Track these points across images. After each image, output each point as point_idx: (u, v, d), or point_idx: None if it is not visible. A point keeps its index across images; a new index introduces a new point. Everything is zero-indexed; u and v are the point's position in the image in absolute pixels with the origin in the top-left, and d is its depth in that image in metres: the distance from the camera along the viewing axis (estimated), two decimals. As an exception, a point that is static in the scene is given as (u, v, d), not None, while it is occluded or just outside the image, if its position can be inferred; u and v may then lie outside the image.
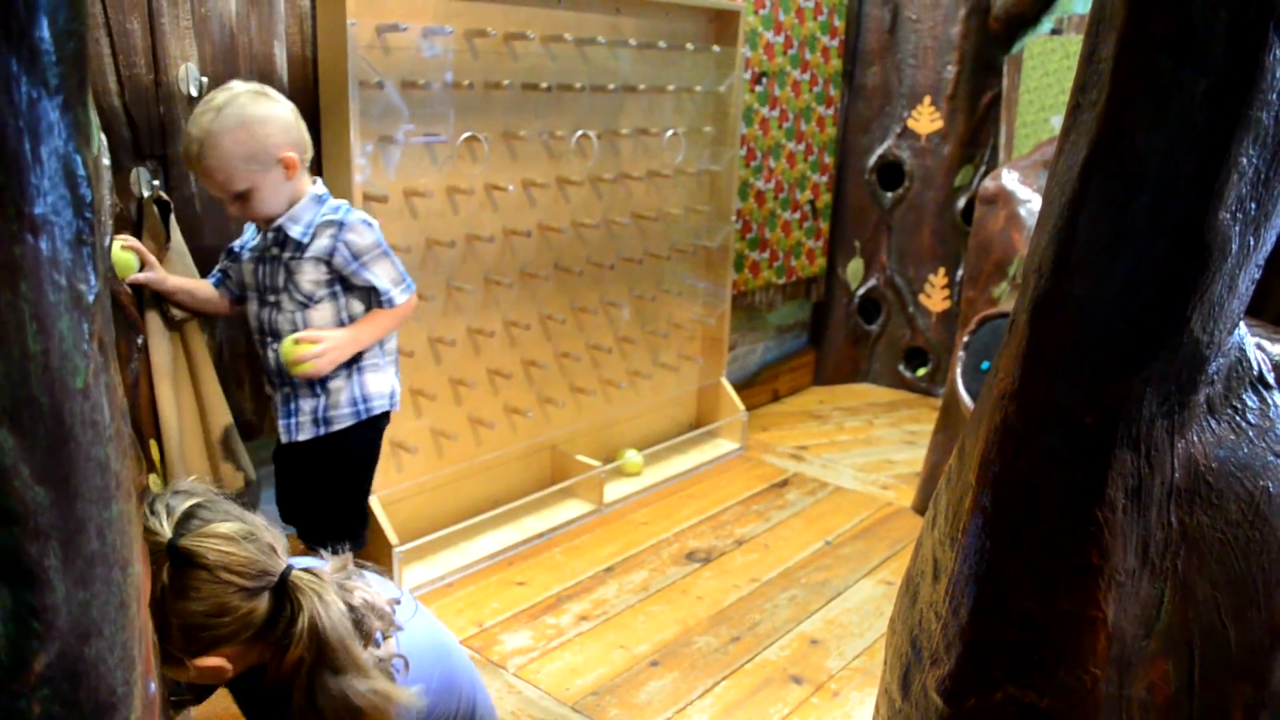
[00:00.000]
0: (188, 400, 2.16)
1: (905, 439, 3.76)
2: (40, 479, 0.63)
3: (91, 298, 0.65)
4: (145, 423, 2.07)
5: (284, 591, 1.19)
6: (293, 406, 2.05)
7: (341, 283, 1.99)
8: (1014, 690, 0.89)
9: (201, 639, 1.16)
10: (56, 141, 0.63)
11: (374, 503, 2.53)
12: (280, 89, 2.05)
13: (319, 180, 2.03)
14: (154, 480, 1.99)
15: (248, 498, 2.42)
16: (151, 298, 2.06)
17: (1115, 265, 0.76)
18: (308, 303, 1.98)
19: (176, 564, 1.13)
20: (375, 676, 1.20)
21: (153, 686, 0.75)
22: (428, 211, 2.52)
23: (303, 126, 1.95)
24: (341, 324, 2.01)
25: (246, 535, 1.18)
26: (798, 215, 3.97)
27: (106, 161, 1.90)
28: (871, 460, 3.54)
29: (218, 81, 2.10)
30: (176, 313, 2.10)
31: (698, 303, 3.46)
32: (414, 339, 2.57)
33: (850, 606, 2.52)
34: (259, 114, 1.87)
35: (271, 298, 2.01)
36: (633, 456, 3.24)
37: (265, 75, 2.19)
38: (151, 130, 2.04)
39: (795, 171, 3.90)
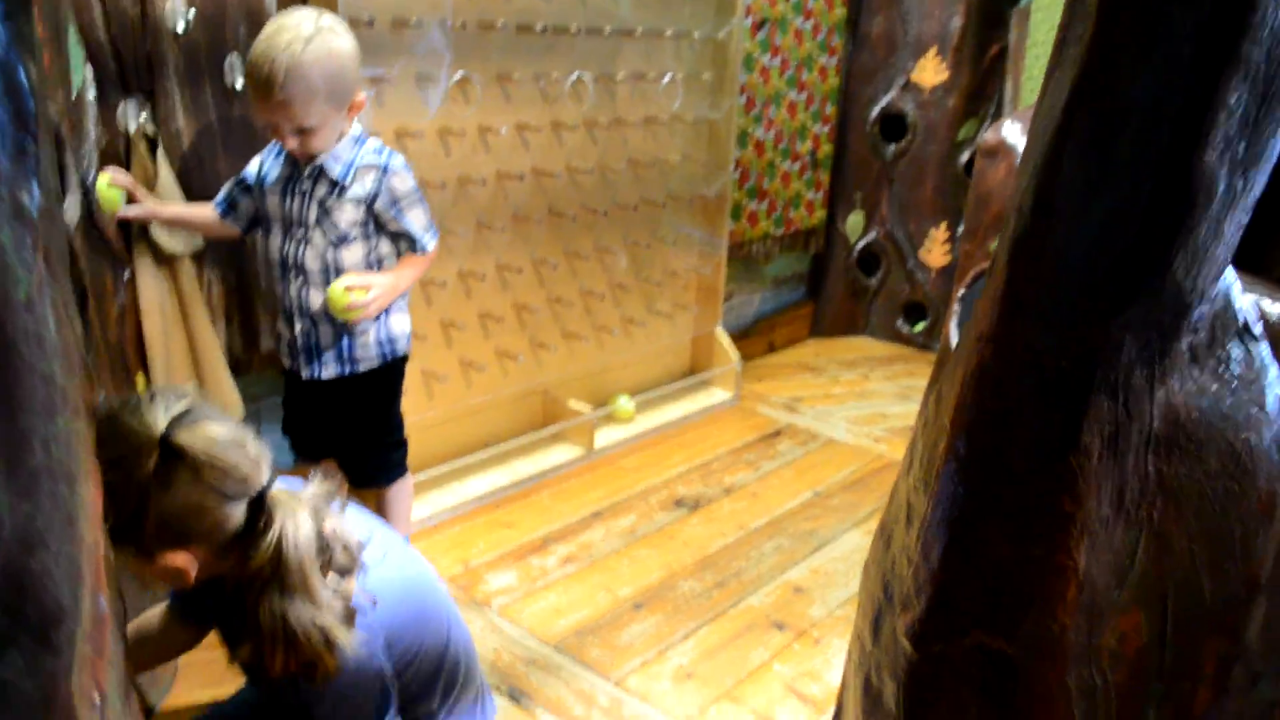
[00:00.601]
0: (177, 335, 2.15)
1: (901, 393, 3.75)
2: (-18, 392, 0.62)
3: (35, 210, 0.64)
4: (132, 356, 2.06)
5: (260, 505, 1.19)
6: (316, 344, 2.03)
7: (374, 224, 1.98)
8: (982, 636, 0.88)
9: (172, 533, 1.15)
10: None
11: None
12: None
13: (356, 119, 2.00)
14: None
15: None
16: (140, 233, 2.04)
17: (1096, 205, 0.74)
18: (341, 242, 1.96)
19: (165, 456, 1.12)
20: (323, 609, 1.18)
21: (103, 603, 0.75)
22: (419, 153, 2.48)
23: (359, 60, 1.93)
24: (370, 265, 2.00)
25: (237, 442, 1.18)
26: (798, 166, 3.93)
27: (91, 95, 1.88)
28: (865, 413, 3.53)
29: (205, 16, 2.06)
30: (166, 248, 2.08)
31: (693, 252, 3.43)
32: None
33: (836, 556, 2.53)
34: (346, 50, 1.85)
35: (300, 232, 1.98)
36: (624, 403, 3.23)
37: (254, 11, 2.14)
38: (139, 65, 2.00)
39: (796, 121, 3.85)
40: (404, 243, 2.02)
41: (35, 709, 0.67)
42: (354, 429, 2.13)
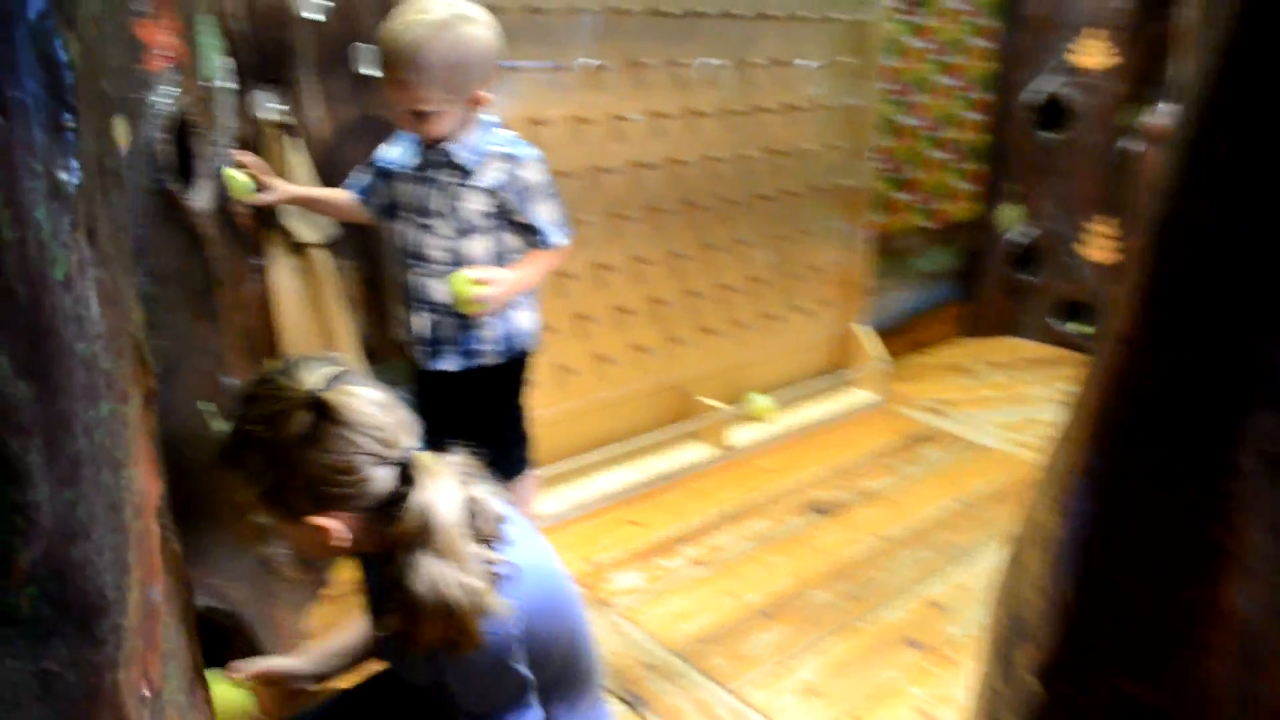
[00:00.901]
0: (310, 323, 2.19)
1: (1056, 398, 3.52)
2: (20, 373, 0.60)
3: (73, 187, 0.61)
4: (262, 345, 2.10)
5: (407, 470, 1.18)
6: (439, 336, 2.00)
7: (501, 216, 1.92)
8: (1120, 681, 0.77)
9: (321, 495, 1.15)
10: (31, 21, 0.58)
11: (490, 436, 2.52)
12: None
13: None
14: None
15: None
16: (274, 220, 2.08)
17: (1254, 183, 0.62)
18: (467, 232, 1.91)
19: (316, 414, 1.13)
20: (472, 573, 1.15)
21: (155, 594, 0.72)
22: (550, 140, 2.45)
23: (499, 54, 1.87)
24: (498, 258, 1.94)
25: (386, 405, 1.18)
26: (949, 155, 3.73)
27: (226, 84, 1.91)
28: (1018, 419, 3.32)
29: (341, 6, 2.08)
30: (300, 236, 2.12)
31: (836, 244, 3.29)
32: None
33: (980, 571, 2.37)
34: (477, 41, 1.81)
35: (424, 220, 1.94)
36: (761, 401, 3.14)
37: (388, 2, 2.15)
38: (276, 55, 2.04)
39: (946, 108, 3.66)
40: (532, 237, 1.96)
41: (80, 700, 0.65)
42: (475, 422, 2.09)
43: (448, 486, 1.18)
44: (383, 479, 1.17)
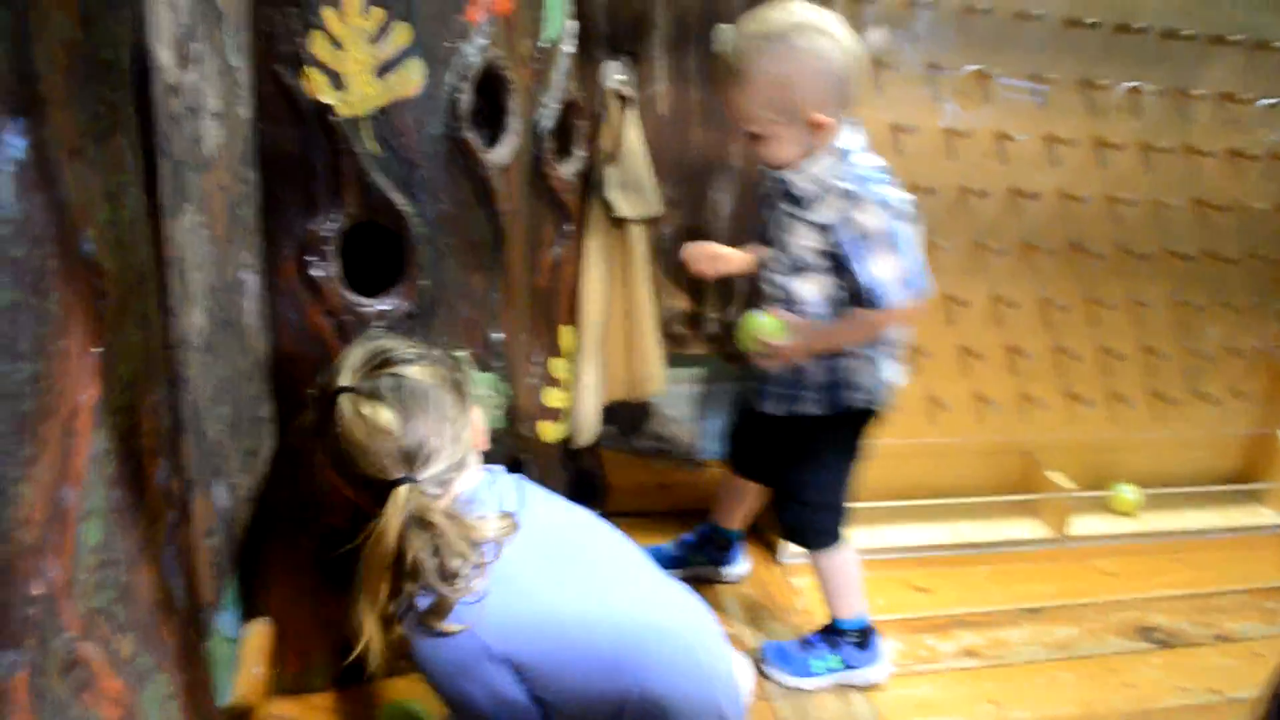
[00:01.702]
0: (616, 296, 2.16)
1: None
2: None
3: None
4: (563, 308, 2.11)
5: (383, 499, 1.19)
6: (764, 373, 1.83)
7: (838, 258, 1.69)
8: None
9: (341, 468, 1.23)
10: None
11: (783, 453, 2.36)
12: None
13: (856, 128, 1.72)
14: (562, 365, 2.03)
15: (641, 411, 2.39)
16: (595, 189, 2.08)
17: None
18: (796, 269, 1.74)
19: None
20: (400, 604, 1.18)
21: (68, 497, 0.68)
22: (915, 151, 2.22)
23: (857, 75, 1.64)
24: (831, 303, 1.73)
25: (386, 431, 1.18)
26: None
27: (568, 49, 1.92)
28: None
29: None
30: (620, 210, 2.09)
31: (1270, 328, 2.68)
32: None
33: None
34: (808, 59, 1.59)
35: (767, 253, 1.80)
36: (1128, 494, 2.65)
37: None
38: (625, 26, 2.02)
39: None
40: (857, 291, 1.67)
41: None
42: (783, 472, 1.90)
43: (399, 530, 1.16)
44: (371, 493, 1.19)
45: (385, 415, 1.17)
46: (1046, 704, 1.92)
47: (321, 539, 1.74)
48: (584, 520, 1.33)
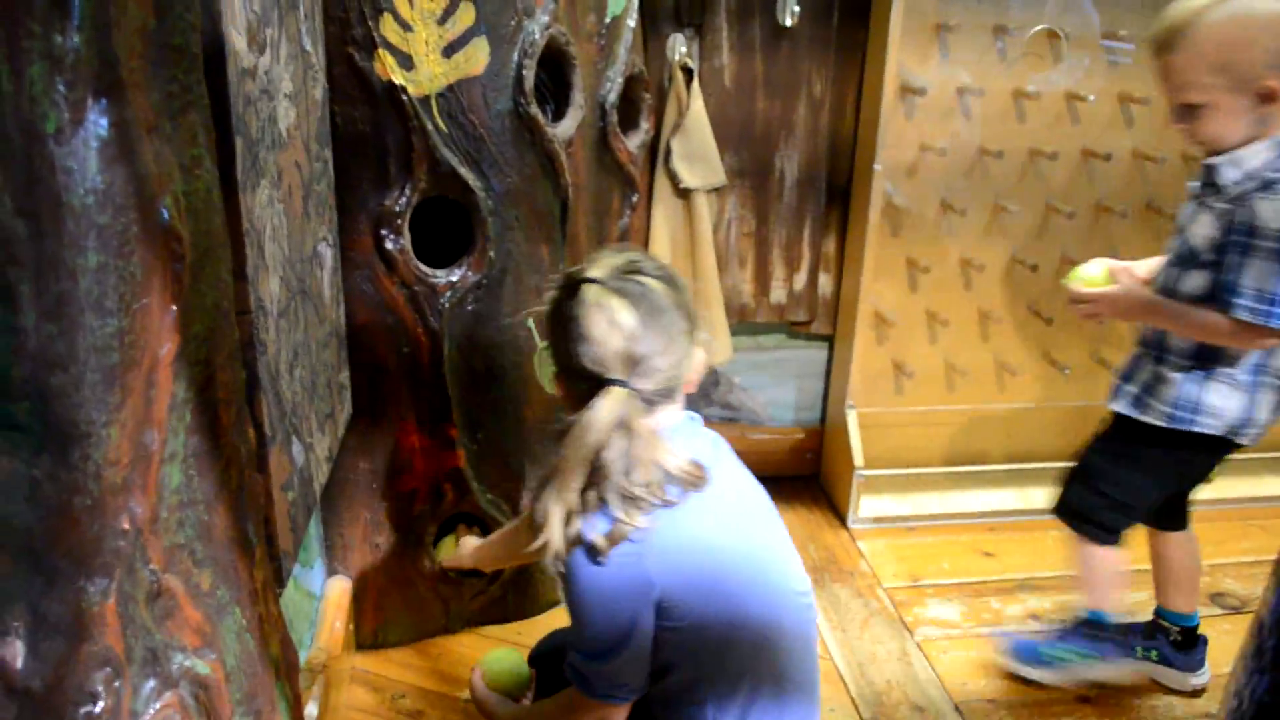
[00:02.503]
0: (681, 264, 2.21)
1: None
2: (19, 211, 0.66)
3: (70, 51, 0.64)
4: (629, 278, 2.16)
5: (595, 394, 1.18)
6: (1129, 372, 1.73)
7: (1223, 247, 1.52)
8: None
9: (558, 363, 1.24)
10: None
11: (850, 419, 2.38)
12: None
13: None
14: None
15: (711, 379, 2.43)
16: (662, 160, 2.12)
17: None
18: (1185, 260, 1.58)
19: (565, 296, 1.21)
20: (584, 510, 1.16)
21: (151, 441, 0.76)
22: (984, 114, 2.21)
23: None
24: (1211, 301, 1.54)
25: (621, 328, 1.17)
26: None
27: (631, 23, 1.95)
28: None
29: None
30: (685, 181, 2.13)
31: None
32: (942, 257, 2.32)
33: None
34: (1260, 18, 1.45)
35: (1171, 241, 1.65)
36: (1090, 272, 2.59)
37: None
38: (693, 0, 2.05)
39: None
40: (1219, 289, 1.51)
41: (54, 512, 0.71)
42: (1094, 458, 1.81)
43: (609, 426, 1.15)
44: (584, 387, 1.18)
45: (626, 314, 1.17)
46: (1112, 667, 1.92)
47: (400, 500, 1.84)
48: (761, 495, 1.32)
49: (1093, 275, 1.69)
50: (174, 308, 0.76)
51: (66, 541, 0.71)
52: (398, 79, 1.54)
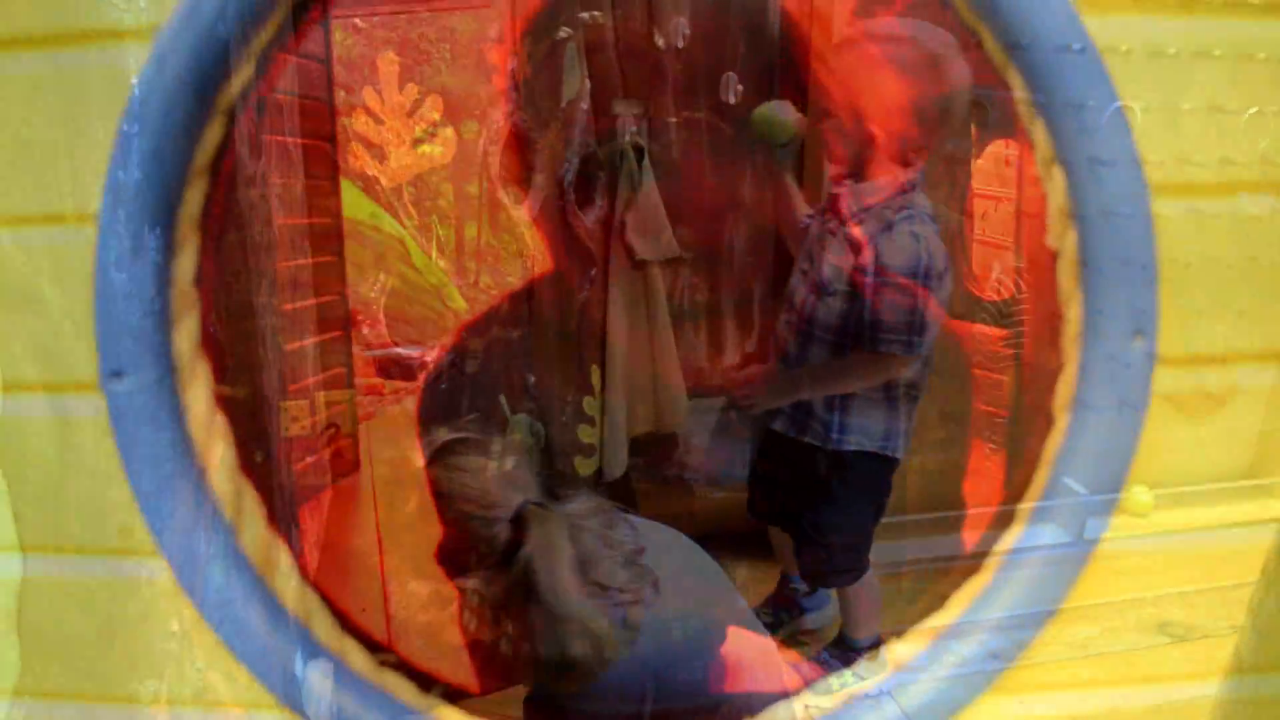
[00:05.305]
0: (639, 336, 2.28)
1: None
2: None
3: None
4: (591, 348, 2.23)
5: (518, 525, 1.20)
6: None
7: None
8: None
9: (456, 562, 1.24)
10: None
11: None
12: None
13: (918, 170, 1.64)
14: (589, 403, 2.15)
15: (672, 446, 2.50)
16: (617, 234, 2.21)
17: None
18: (820, 289, 1.68)
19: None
20: (588, 617, 1.18)
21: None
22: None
23: (955, 100, 1.58)
24: (849, 333, 1.65)
25: (487, 469, 1.22)
26: None
27: (585, 105, 2.06)
28: None
29: (704, 35, 2.15)
30: (639, 253, 2.22)
31: None
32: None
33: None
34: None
35: (804, 265, 1.75)
36: (1142, 496, 2.73)
37: (754, 29, 2.18)
38: (639, 79, 2.16)
39: None
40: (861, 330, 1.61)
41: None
42: (799, 508, 1.85)
43: (554, 538, 1.18)
44: (497, 535, 1.19)
45: (479, 459, 1.25)
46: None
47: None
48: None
49: (784, 119, 1.74)
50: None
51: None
52: (370, 170, 1.62)
